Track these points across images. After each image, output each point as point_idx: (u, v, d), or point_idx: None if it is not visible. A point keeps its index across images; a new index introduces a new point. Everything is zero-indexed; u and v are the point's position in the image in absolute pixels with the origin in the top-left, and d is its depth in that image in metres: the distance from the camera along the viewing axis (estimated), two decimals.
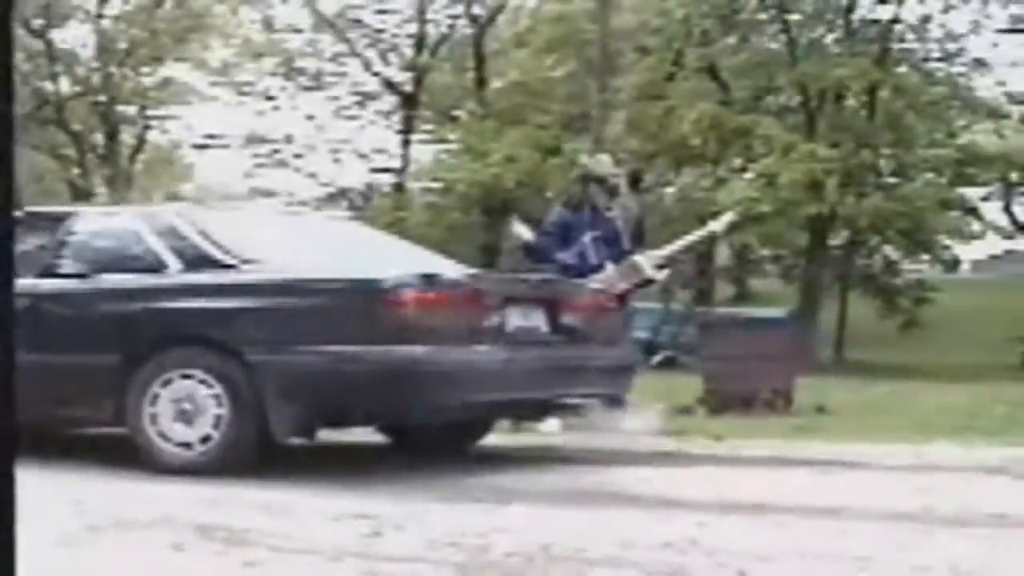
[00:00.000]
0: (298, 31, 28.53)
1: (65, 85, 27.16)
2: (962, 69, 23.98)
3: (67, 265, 5.92)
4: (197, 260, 5.59)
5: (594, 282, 7.05)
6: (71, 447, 6.07)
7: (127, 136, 29.34)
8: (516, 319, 5.69)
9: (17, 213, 5.48)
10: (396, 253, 6.59)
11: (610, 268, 7.50)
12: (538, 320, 5.85)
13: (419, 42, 28.39)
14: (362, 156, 29.72)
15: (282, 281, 5.38)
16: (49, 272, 5.81)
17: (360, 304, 5.18)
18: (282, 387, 5.13)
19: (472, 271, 6.08)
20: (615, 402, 6.24)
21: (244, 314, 5.33)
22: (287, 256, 5.64)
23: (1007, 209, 29.10)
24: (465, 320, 5.35)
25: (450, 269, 5.97)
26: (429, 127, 29.31)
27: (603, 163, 8.19)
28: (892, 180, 22.92)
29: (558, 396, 5.78)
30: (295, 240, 6.12)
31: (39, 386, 4.74)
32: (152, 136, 30.37)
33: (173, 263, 5.64)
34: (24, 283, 5.10)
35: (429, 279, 5.30)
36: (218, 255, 5.57)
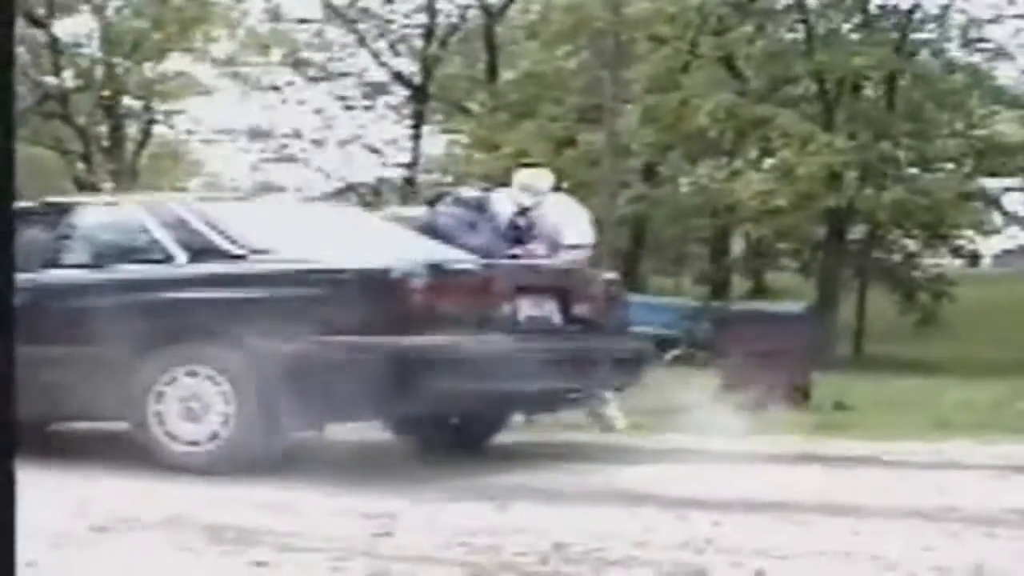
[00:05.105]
0: (305, 21, 28.42)
1: (69, 78, 27.05)
2: (984, 57, 23.76)
3: (71, 257, 5.84)
4: (204, 251, 5.52)
5: None
6: (75, 444, 6.02)
7: (132, 130, 29.27)
8: (528, 309, 5.62)
9: (29, 204, 5.36)
10: (406, 242, 6.52)
11: None
12: (550, 310, 5.78)
13: (429, 33, 28.23)
14: (372, 150, 29.64)
15: (290, 271, 5.30)
16: (53, 264, 5.73)
17: (370, 294, 5.11)
18: (291, 379, 5.06)
19: (483, 260, 6.00)
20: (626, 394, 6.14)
21: (252, 305, 5.25)
22: (296, 246, 5.56)
23: None
24: (476, 309, 5.29)
25: (460, 258, 5.89)
26: (440, 119, 29.18)
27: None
28: (912, 172, 22.72)
29: (571, 387, 5.70)
30: (304, 229, 6.04)
31: (42, 379, 4.71)
32: (158, 130, 30.28)
33: (180, 254, 5.56)
34: (26, 276, 5.03)
35: (439, 268, 5.23)
36: (225, 245, 5.50)
